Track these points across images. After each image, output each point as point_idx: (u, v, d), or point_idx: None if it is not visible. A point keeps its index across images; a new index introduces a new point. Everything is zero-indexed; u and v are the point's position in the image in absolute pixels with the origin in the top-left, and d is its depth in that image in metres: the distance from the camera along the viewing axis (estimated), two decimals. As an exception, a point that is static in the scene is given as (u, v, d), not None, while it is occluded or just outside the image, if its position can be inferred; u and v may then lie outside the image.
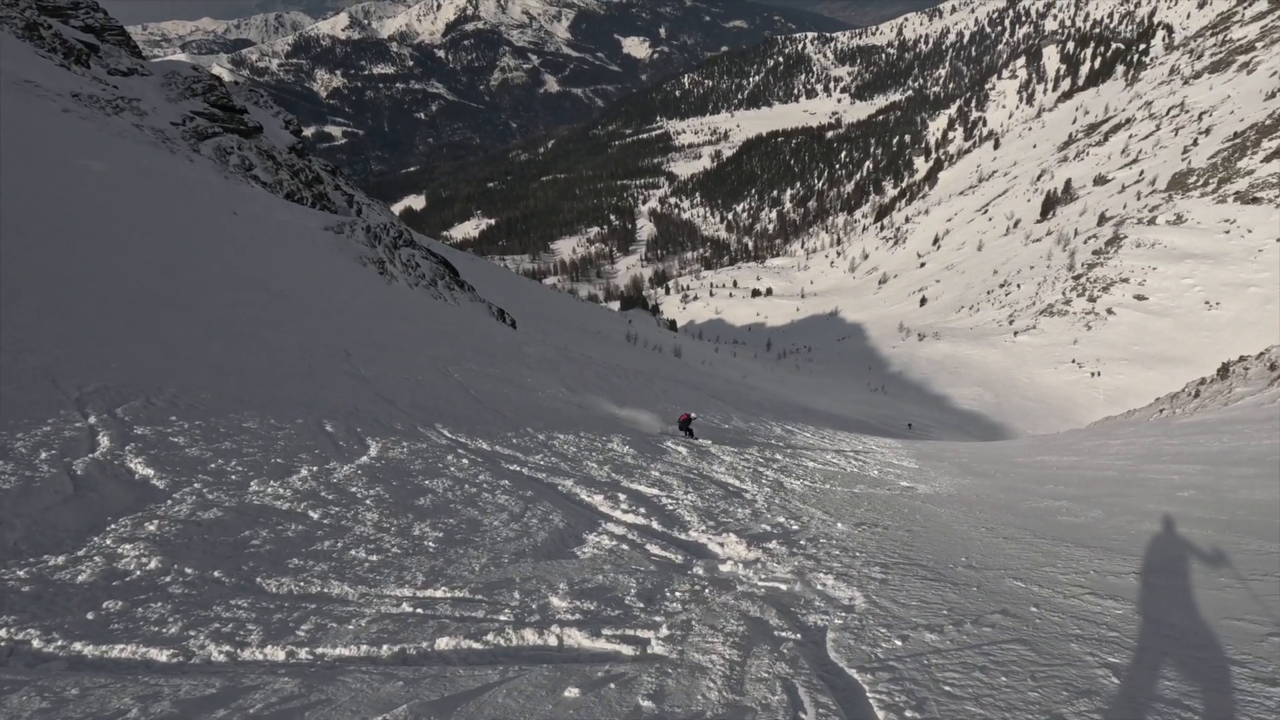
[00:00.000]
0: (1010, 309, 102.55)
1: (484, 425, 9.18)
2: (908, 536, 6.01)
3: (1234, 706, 2.55)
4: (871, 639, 3.25)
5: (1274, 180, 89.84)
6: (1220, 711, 2.52)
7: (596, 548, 4.84)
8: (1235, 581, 4.33)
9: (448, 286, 21.70)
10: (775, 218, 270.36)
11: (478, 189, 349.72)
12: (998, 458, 20.17)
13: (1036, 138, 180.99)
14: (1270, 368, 23.58)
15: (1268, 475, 10.77)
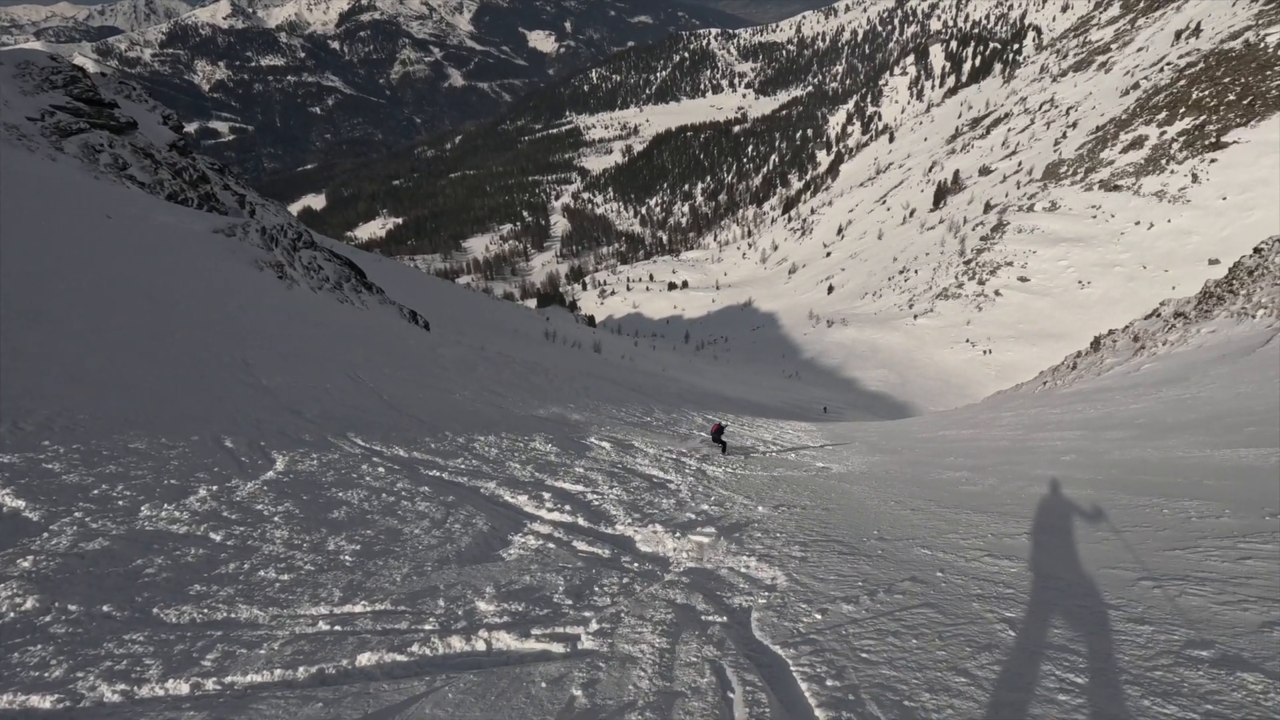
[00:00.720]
0: (910, 294, 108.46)
1: (400, 431, 8.87)
2: (825, 515, 6.26)
3: (1112, 646, 2.82)
4: (794, 615, 3.38)
5: (1131, 170, 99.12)
6: (1101, 652, 2.78)
7: (523, 548, 4.78)
8: (1111, 534, 4.77)
9: (354, 289, 20.74)
10: (688, 211, 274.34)
11: (383, 187, 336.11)
12: (903, 435, 21.34)
13: (927, 131, 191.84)
14: (1134, 339, 26.04)
15: (1136, 437, 11.91)
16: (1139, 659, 2.65)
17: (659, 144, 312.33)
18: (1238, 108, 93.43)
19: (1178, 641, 2.77)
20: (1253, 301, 20.07)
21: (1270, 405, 12.08)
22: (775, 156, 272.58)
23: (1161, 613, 3.07)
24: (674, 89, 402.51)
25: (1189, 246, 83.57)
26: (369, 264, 65.50)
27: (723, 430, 12.55)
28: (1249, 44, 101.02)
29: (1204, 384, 16.37)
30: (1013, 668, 2.66)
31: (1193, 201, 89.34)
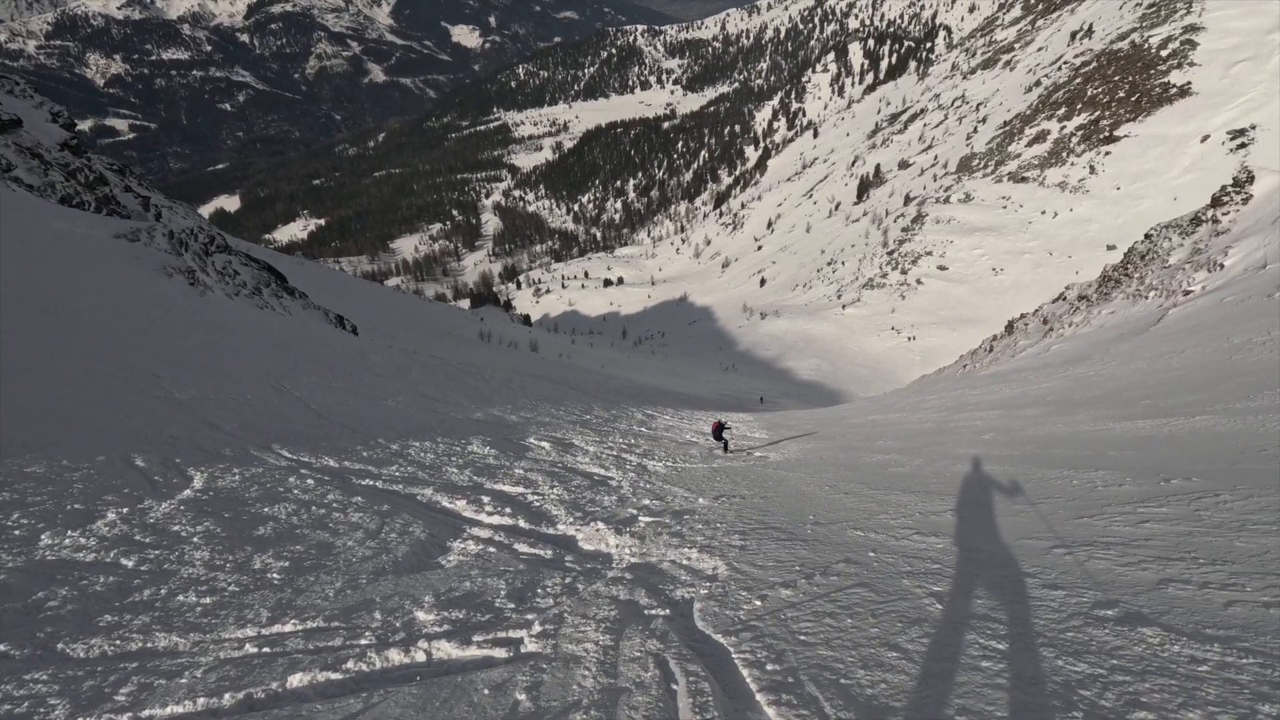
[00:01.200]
0: (838, 285, 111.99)
1: (329, 441, 8.54)
2: (763, 503, 6.40)
3: (1029, 612, 3.00)
4: (734, 603, 3.44)
5: (1036, 162, 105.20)
6: (1019, 618, 2.95)
7: (463, 554, 4.68)
8: (1027, 506, 5.06)
9: (275, 295, 19.76)
10: (621, 208, 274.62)
11: (302, 187, 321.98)
12: (836, 421, 22.04)
13: (849, 127, 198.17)
14: (1044, 322, 27.70)
15: (1047, 414, 12.66)
16: (1053, 622, 2.82)
17: (589, 140, 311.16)
18: (1127, 104, 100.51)
19: (1086, 603, 2.97)
20: (1145, 284, 21.66)
21: (1163, 379, 13.06)
22: (705, 152, 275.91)
23: (1072, 577, 3.29)
24: (603, 85, 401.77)
25: (1089, 233, 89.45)
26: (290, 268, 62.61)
27: (723, 428, 12.32)
28: (1135, 45, 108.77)
29: (1106, 362, 17.58)
30: (940, 639, 2.79)
31: (1091, 191, 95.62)
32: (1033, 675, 2.37)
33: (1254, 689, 2.12)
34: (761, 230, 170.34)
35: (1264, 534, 3.36)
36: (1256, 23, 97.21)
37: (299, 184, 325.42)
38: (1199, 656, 2.37)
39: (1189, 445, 7.07)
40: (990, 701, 2.28)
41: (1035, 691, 2.27)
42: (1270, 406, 7.97)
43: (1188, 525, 3.72)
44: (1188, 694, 2.13)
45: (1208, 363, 13.31)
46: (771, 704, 2.51)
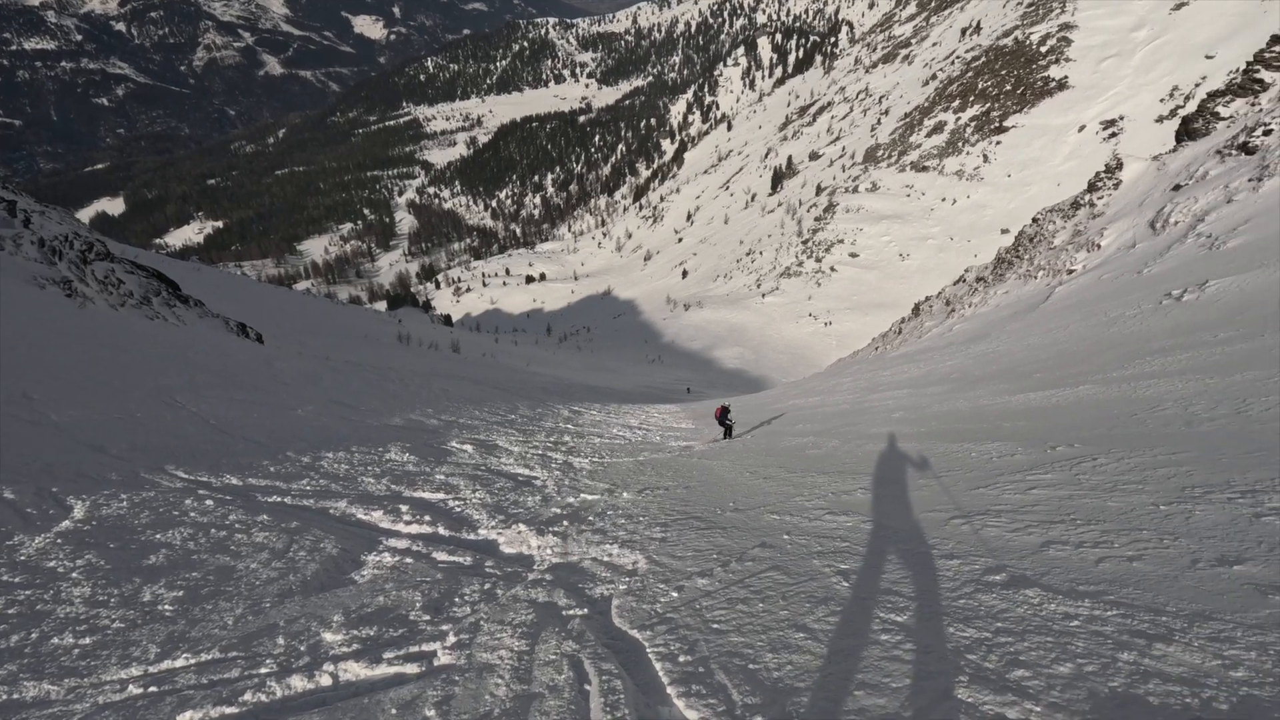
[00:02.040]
0: (757, 274, 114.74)
1: (231, 458, 8.02)
2: (685, 493, 6.47)
3: (927, 583, 3.15)
4: (651, 597, 3.46)
5: (935, 152, 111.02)
6: (919, 590, 3.10)
7: (377, 567, 4.50)
8: (931, 479, 5.33)
9: (167, 304, 18.37)
10: (540, 203, 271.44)
11: (195, 187, 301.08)
12: (758, 407, 22.58)
13: (761, 119, 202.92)
14: (946, 304, 29.28)
15: (951, 390, 13.39)
16: (948, 591, 2.98)
17: (505, 135, 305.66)
18: (1014, 96, 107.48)
19: (978, 570, 3.15)
20: (1034, 265, 23.25)
21: (1052, 353, 14.06)
22: (622, 146, 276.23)
23: (967, 546, 3.48)
24: (516, 79, 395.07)
25: (985, 218, 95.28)
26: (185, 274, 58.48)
27: (728, 412, 12.46)
28: (1018, 41, 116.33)
29: (1002, 339, 18.79)
30: (846, 616, 2.90)
31: (985, 179, 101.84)
32: (927, 644, 2.49)
33: (1115, 639, 2.31)
34: (681, 222, 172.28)
35: (1132, 493, 3.66)
36: (1121, 21, 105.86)
37: (191, 184, 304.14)
38: (1072, 613, 2.55)
39: (1074, 413, 7.63)
40: (888, 674, 2.38)
41: (929, 659, 2.39)
42: (1140, 374, 8.70)
43: (1069, 490, 4.01)
44: (1060, 649, 2.30)
45: (1089, 336, 14.43)
46: (681, 695, 2.53)
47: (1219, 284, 12.41)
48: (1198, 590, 2.52)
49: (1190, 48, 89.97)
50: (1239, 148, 17.24)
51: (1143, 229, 18.91)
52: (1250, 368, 6.97)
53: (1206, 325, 10.46)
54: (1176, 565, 2.74)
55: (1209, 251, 14.79)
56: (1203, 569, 2.66)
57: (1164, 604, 2.48)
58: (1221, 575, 2.59)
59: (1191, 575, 2.63)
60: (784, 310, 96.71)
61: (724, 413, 12.46)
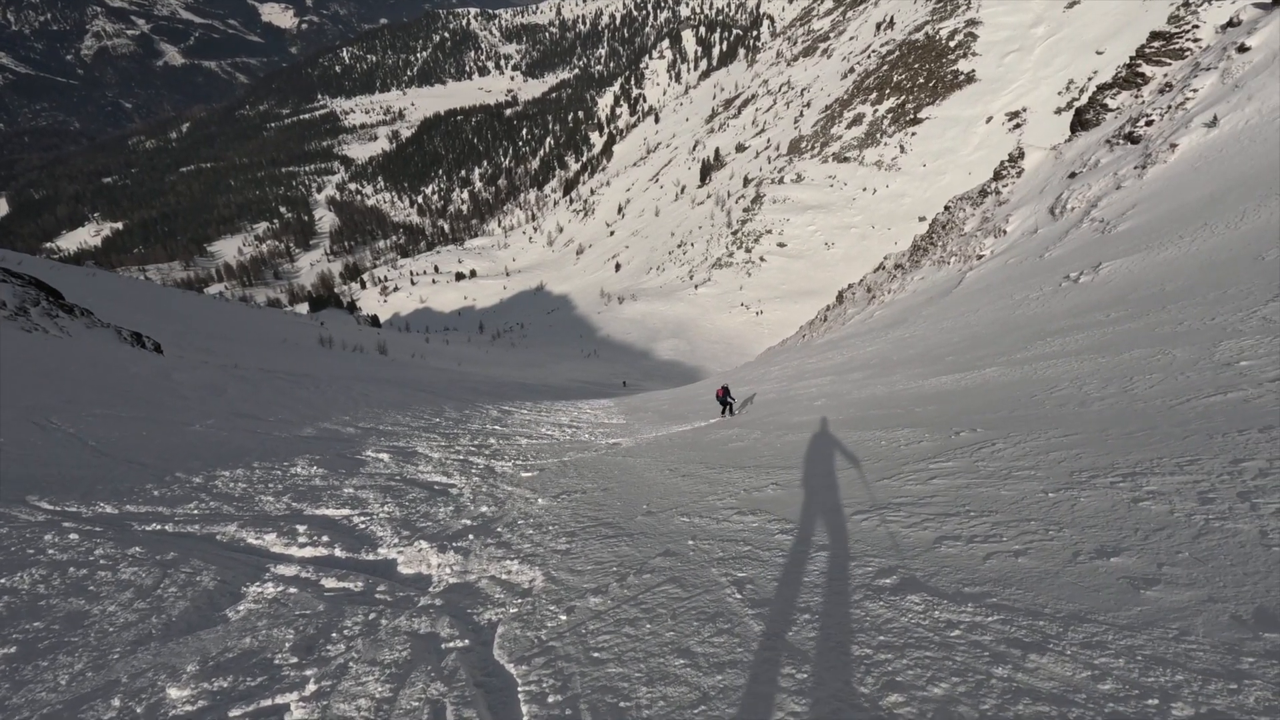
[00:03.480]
0: (689, 266, 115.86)
1: (109, 483, 7.32)
2: (602, 496, 6.29)
3: (824, 588, 3.05)
4: (539, 621, 3.25)
5: (855, 143, 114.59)
6: (813, 598, 2.99)
7: (257, 601, 4.11)
8: (842, 471, 5.33)
9: (47, 314, 16.79)
10: (468, 198, 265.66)
11: (89, 186, 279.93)
12: (691, 399, 22.69)
13: (688, 112, 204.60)
14: (868, 290, 30.20)
15: (870, 376, 13.72)
16: (837, 599, 2.89)
17: (429, 129, 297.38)
18: (926, 89, 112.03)
19: (871, 572, 3.10)
20: (947, 251, 24.20)
21: (964, 336, 14.61)
22: (550, 139, 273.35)
23: (865, 544, 3.43)
24: (438, 71, 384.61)
25: (904, 207, 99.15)
26: (78, 281, 54.17)
27: (728, 392, 13.52)
28: (929, 36, 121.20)
29: (918, 324, 19.46)
30: (731, 635, 2.75)
31: (903, 169, 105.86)
32: (805, 668, 2.37)
33: (993, 650, 2.26)
34: (613, 215, 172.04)
35: (1024, 480, 3.71)
36: (1021, 18, 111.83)
37: (85, 182, 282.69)
38: (955, 620, 2.51)
39: (980, 396, 7.86)
40: (758, 709, 2.25)
41: (805, 686, 2.27)
42: (1041, 354, 9.08)
43: (966, 478, 4.05)
44: (938, 665, 2.23)
45: (997, 318, 15.08)
46: (540, 745, 2.34)
47: (1111, 266, 13.17)
48: (1076, 587, 2.53)
49: (1083, 43, 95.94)
50: (1125, 137, 18.36)
51: (1043, 215, 19.94)
52: (1137, 345, 7.34)
53: (1100, 305, 11.05)
54: (1059, 559, 2.76)
55: (1102, 236, 15.71)
56: (1083, 562, 2.67)
57: (1043, 605, 2.46)
58: (1099, 569, 2.60)
59: (1072, 570, 2.63)
60: (717, 301, 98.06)
61: (725, 393, 13.62)
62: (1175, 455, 3.38)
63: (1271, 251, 8.95)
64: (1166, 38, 20.10)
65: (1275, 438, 3.22)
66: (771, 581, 3.19)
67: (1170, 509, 2.84)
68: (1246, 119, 15.29)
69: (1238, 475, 2.95)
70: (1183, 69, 19.70)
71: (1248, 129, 15.06)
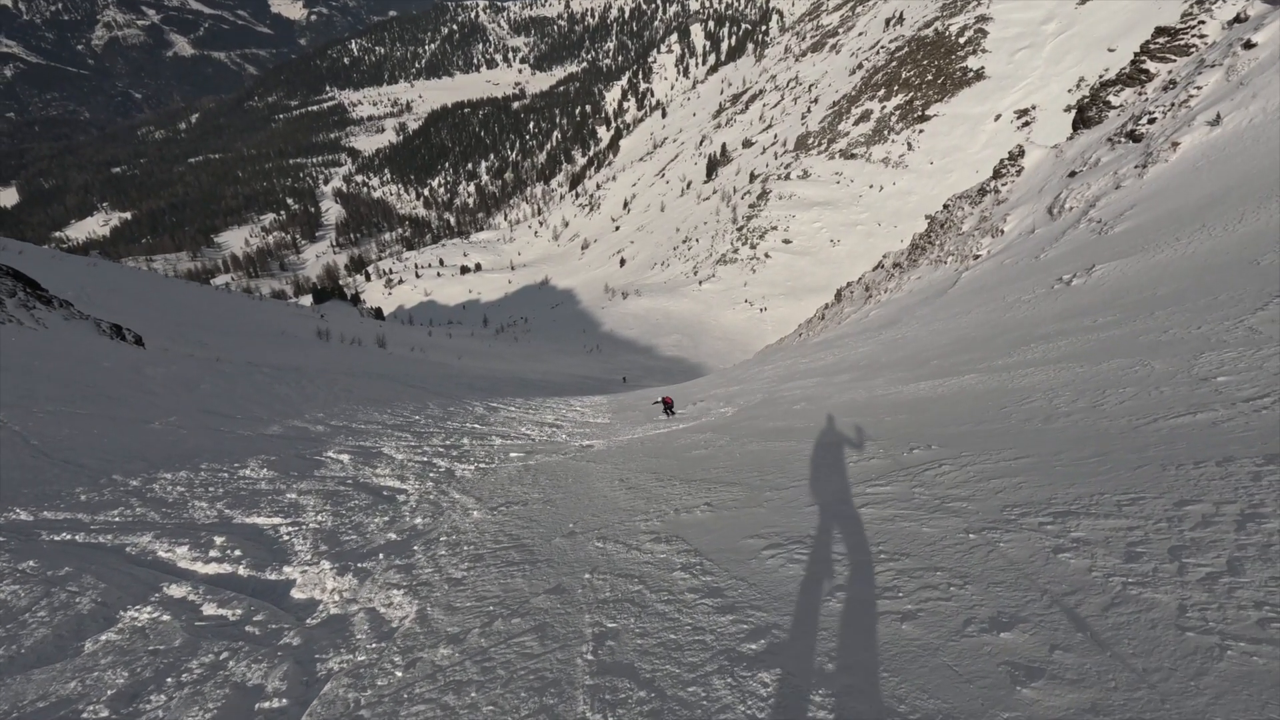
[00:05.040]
0: (694, 261, 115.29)
1: (37, 486, 7.03)
2: (539, 510, 5.96)
3: (685, 653, 2.67)
4: (372, 678, 2.87)
5: (863, 140, 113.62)
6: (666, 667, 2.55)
7: (121, 631, 3.77)
8: (779, 492, 4.97)
9: (23, 305, 16.57)
10: (474, 191, 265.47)
11: (99, 176, 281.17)
12: (681, 398, 22.33)
13: (695, 107, 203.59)
14: (865, 289, 29.72)
15: (856, 379, 13.33)
16: (689, 672, 2.53)
17: (436, 121, 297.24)
18: (935, 86, 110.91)
19: (743, 633, 2.74)
20: (944, 250, 23.71)
21: (952, 339, 14.19)
22: (557, 133, 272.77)
23: (755, 592, 3.03)
24: (446, 63, 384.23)
25: (910, 204, 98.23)
26: (77, 271, 54.14)
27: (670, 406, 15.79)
28: (938, 32, 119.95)
29: (910, 324, 19.02)
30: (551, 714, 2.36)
31: (910, 166, 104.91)
32: None
33: None
34: (618, 210, 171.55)
35: (953, 514, 3.34)
36: (1032, 15, 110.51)
37: (94, 172, 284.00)
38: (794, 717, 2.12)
39: (952, 404, 7.49)
40: None
41: None
42: (1022, 361, 8.68)
43: (896, 508, 3.68)
44: None
45: (987, 320, 14.64)
46: None
47: (1104, 268, 12.73)
48: (949, 674, 2.15)
49: (1094, 40, 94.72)
50: (1127, 135, 17.85)
51: (1041, 215, 19.44)
52: (1118, 354, 6.95)
53: (1089, 310, 10.63)
54: (946, 629, 2.39)
55: (1098, 237, 15.23)
56: (971, 635, 2.30)
57: (900, 699, 2.06)
58: (985, 648, 2.23)
59: (954, 647, 2.26)
60: (720, 297, 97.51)
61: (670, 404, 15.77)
62: (1119, 490, 3.01)
63: (1267, 256, 8.52)
64: (1172, 33, 19.53)
65: (1230, 474, 2.85)
66: (635, 637, 2.83)
67: (1090, 565, 2.47)
68: (1250, 117, 14.77)
69: (1177, 522, 2.57)
70: (1187, 66, 19.15)
71: (1251, 127, 14.55)
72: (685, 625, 2.87)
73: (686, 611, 2.99)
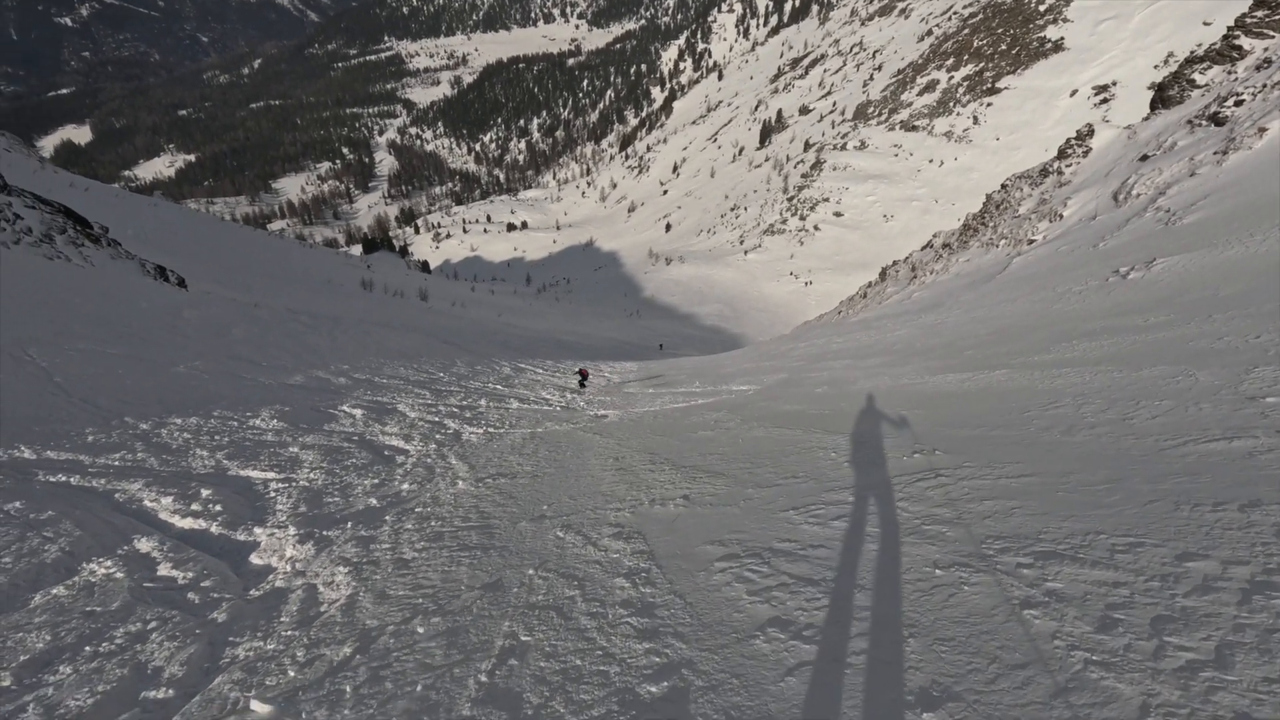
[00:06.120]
0: (740, 230, 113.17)
1: (49, 424, 7.20)
2: (524, 485, 5.81)
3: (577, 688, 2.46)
4: (262, 675, 2.66)
5: (926, 111, 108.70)
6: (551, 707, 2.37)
7: (72, 586, 3.74)
8: (760, 490, 4.68)
9: (73, 243, 17.09)
10: (525, 148, 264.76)
11: (166, 118, 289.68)
12: (711, 372, 21.94)
13: (753, 70, 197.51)
14: (911, 269, 28.58)
15: (886, 364, 12.77)
16: (573, 713, 2.28)
17: (490, 75, 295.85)
18: (1008, 57, 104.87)
19: (646, 672, 2.48)
20: (997, 233, 22.51)
21: (992, 329, 13.45)
22: (611, 92, 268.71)
23: (681, 616, 2.77)
24: (503, 16, 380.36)
25: (971, 182, 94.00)
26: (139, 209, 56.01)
27: (585, 376, 15.42)
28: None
29: (953, 309, 18.16)
30: None
31: (974, 141, 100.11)
32: None
33: None
34: (667, 174, 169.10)
35: (927, 540, 2.98)
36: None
37: (162, 114, 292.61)
38: None
39: (974, 402, 7.02)
40: None
41: None
42: (1060, 360, 8.09)
43: (872, 524, 3.34)
44: None
45: (1033, 311, 13.81)
46: None
47: (1165, 263, 11.80)
48: None
49: (1189, 13, 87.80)
50: (1209, 118, 16.43)
51: (1106, 200, 18.18)
52: (1161, 360, 6.38)
53: (1142, 307, 9.86)
54: (870, 698, 2.03)
55: (1165, 227, 14.14)
56: (889, 714, 1.94)
57: None
58: None
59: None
60: (765, 268, 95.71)
61: (586, 375, 15.42)
62: (1120, 530, 2.63)
63: (1351, 261, 7.70)
64: (1272, 6, 17.71)
65: (1252, 524, 2.44)
66: (540, 658, 2.58)
67: (1055, 629, 2.10)
68: (1354, 103, 13.37)
69: (1172, 583, 2.19)
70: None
71: (1353, 115, 13.18)
72: (597, 650, 2.64)
73: (606, 631, 2.74)
